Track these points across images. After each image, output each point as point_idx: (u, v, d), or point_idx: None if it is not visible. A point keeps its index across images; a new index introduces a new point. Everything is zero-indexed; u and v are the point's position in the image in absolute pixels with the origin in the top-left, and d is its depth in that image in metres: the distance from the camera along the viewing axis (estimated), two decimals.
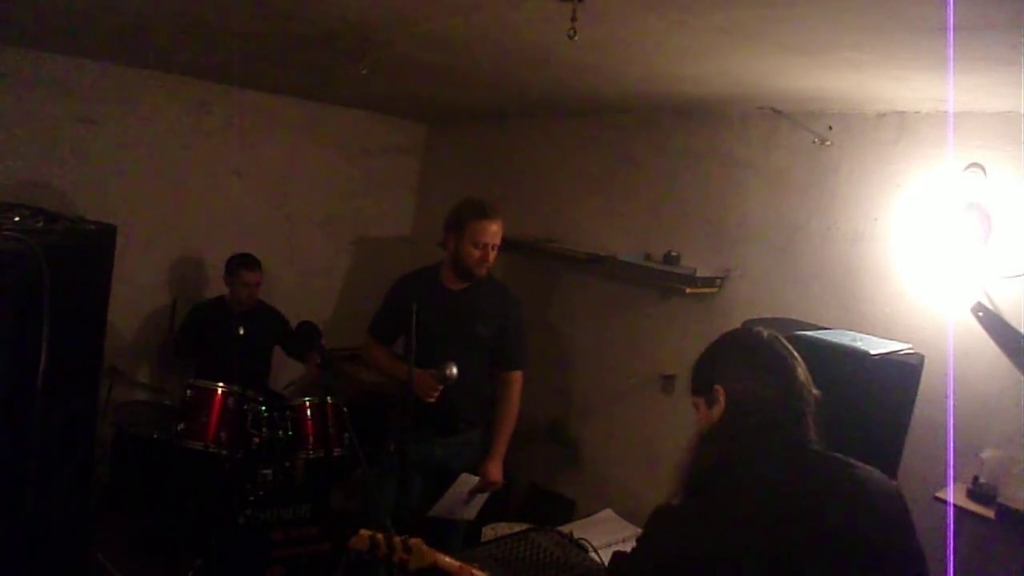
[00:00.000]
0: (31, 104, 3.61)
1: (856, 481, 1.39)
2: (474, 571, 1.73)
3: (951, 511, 2.30)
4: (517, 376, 3.10)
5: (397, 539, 1.70)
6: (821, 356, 2.23)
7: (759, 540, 1.31)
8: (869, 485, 1.39)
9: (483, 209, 2.91)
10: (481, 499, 3.03)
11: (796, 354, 1.52)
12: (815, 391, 1.48)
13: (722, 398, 1.49)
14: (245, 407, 3.31)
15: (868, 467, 1.43)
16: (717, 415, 1.50)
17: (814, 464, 1.42)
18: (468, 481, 2.95)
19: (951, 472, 2.42)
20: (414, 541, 1.71)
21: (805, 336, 2.43)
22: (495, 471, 3.00)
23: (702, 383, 1.55)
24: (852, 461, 1.43)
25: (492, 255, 2.93)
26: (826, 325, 2.70)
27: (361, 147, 4.91)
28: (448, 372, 2.76)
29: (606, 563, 2.51)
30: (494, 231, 2.90)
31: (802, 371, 1.49)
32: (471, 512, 3.05)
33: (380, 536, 1.69)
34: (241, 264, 3.85)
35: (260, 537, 3.21)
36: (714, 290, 3.32)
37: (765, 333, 1.55)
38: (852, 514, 1.34)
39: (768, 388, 1.46)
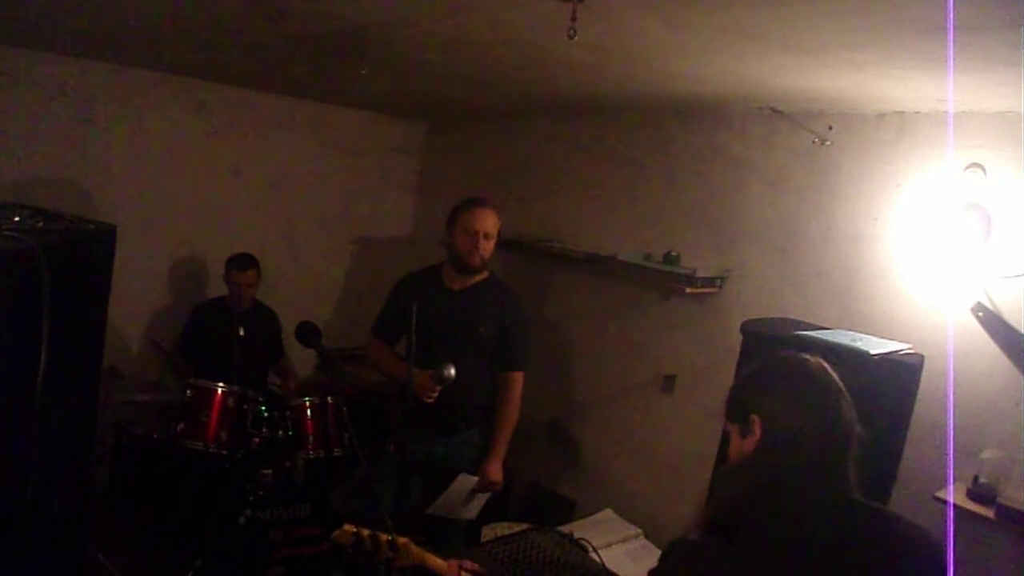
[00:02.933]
0: (31, 104, 3.61)
1: (896, 542, 1.30)
2: (464, 566, 1.70)
3: (951, 511, 2.30)
4: (518, 376, 3.10)
5: (383, 538, 1.65)
6: (821, 356, 2.24)
7: None
8: (909, 546, 1.31)
9: (475, 199, 3.00)
10: (482, 499, 3.03)
11: (842, 385, 1.39)
12: (859, 428, 1.36)
13: (758, 429, 1.37)
14: (245, 407, 3.31)
15: (909, 523, 1.34)
16: (751, 447, 1.38)
17: (852, 518, 1.31)
18: (467, 481, 2.95)
19: (951, 472, 2.42)
20: (402, 541, 1.66)
21: (805, 336, 2.43)
22: (495, 471, 3.00)
23: (737, 410, 1.44)
24: (894, 516, 1.34)
25: (485, 245, 2.93)
26: (826, 325, 2.70)
27: (361, 147, 4.91)
28: (446, 373, 2.76)
29: (606, 563, 2.51)
30: (485, 218, 2.93)
31: (847, 406, 1.37)
32: (471, 512, 3.05)
33: (365, 533, 1.64)
34: (233, 264, 3.85)
35: (260, 537, 3.22)
36: (714, 290, 3.32)
37: (811, 360, 1.43)
38: None
39: (810, 423, 1.33)
